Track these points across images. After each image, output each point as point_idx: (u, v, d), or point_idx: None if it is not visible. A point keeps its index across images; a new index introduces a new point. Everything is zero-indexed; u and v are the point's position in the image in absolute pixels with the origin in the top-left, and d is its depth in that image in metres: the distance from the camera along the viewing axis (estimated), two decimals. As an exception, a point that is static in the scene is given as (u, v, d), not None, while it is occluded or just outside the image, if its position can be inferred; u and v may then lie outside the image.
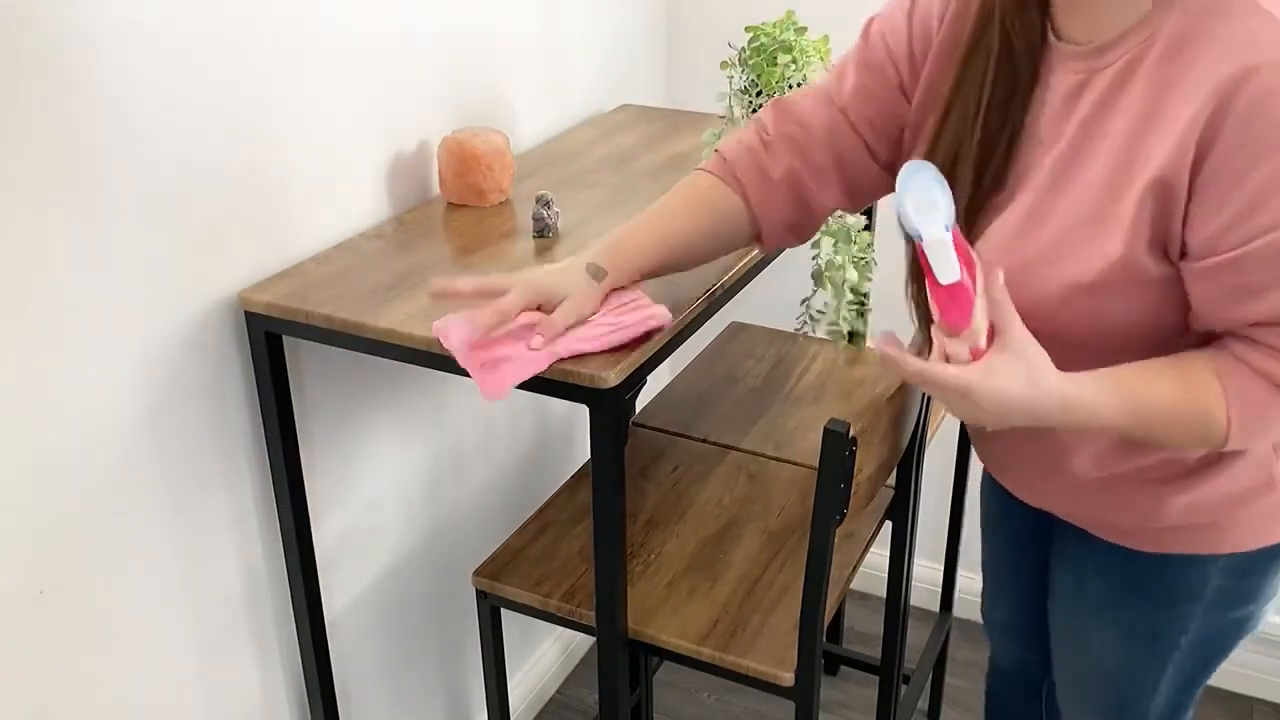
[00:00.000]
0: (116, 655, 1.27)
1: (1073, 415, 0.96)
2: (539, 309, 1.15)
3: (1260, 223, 0.91)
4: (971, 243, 1.09)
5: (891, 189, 1.13)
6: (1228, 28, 0.91)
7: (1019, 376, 0.92)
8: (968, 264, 0.91)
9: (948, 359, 0.93)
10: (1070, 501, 1.23)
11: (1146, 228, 0.96)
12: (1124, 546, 1.20)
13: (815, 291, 1.64)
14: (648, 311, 1.18)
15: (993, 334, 0.93)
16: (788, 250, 1.51)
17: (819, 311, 1.66)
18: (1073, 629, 1.32)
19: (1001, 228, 1.06)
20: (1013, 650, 1.57)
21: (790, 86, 1.53)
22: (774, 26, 1.55)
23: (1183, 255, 0.98)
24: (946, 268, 0.89)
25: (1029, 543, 1.41)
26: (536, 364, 1.12)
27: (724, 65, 1.59)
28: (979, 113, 1.06)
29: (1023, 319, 0.93)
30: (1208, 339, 1.02)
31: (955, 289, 0.90)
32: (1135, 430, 0.99)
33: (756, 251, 1.39)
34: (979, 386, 0.91)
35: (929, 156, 1.10)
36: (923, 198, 0.89)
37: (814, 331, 1.65)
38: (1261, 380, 0.97)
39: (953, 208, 0.90)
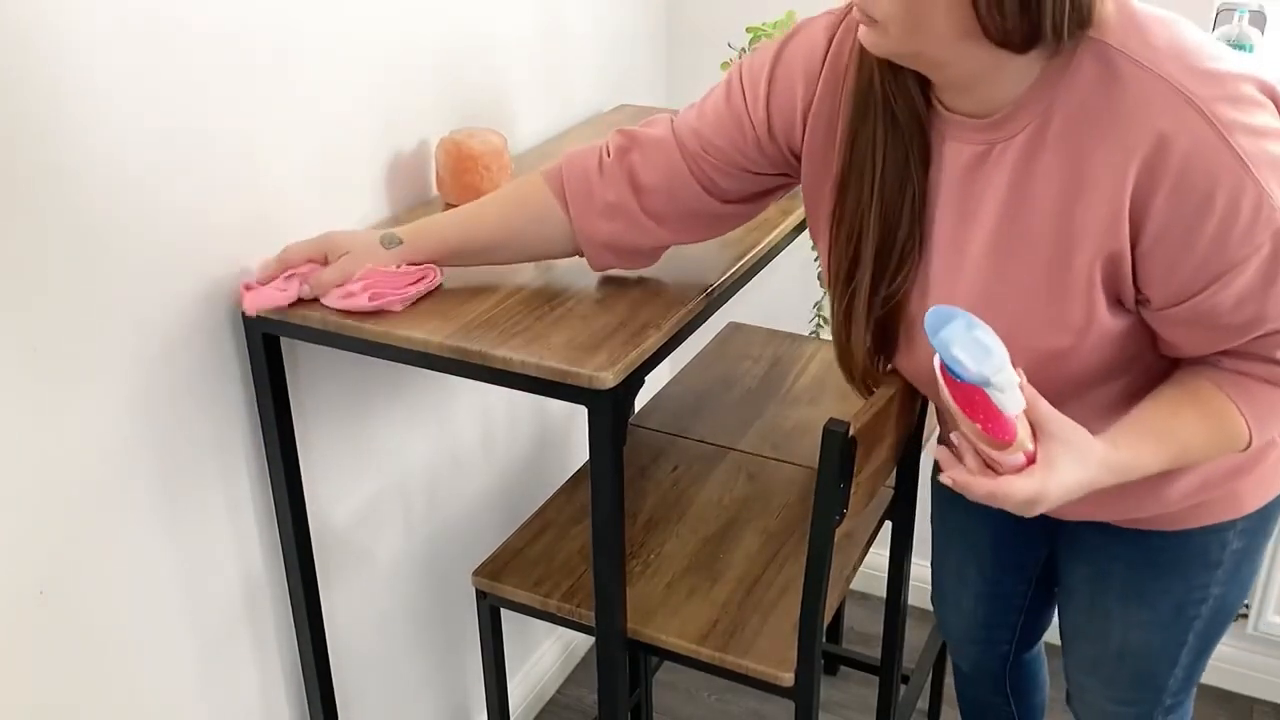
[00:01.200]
0: (116, 655, 1.27)
1: (1122, 475, 1.01)
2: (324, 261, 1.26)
3: (1216, 269, 0.94)
4: (899, 334, 1.13)
5: (725, 222, 1.25)
6: (1123, 92, 0.93)
7: (1074, 462, 0.97)
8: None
9: (994, 466, 0.98)
10: (1078, 504, 1.22)
11: (1101, 292, 1.00)
12: (1145, 530, 1.23)
13: (825, 294, 1.65)
14: (405, 290, 1.24)
15: (1036, 439, 0.97)
16: (784, 251, 1.51)
17: (823, 319, 1.68)
18: (1095, 616, 1.34)
19: (952, 303, 1.07)
20: (972, 653, 1.58)
21: None
22: (774, 26, 1.55)
23: (1142, 302, 1.02)
24: (1014, 402, 0.92)
25: (1013, 535, 1.41)
26: (274, 298, 1.23)
27: (725, 65, 1.59)
28: (874, 184, 1.07)
29: None
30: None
31: (987, 402, 0.93)
32: (1173, 464, 1.05)
33: (753, 252, 1.40)
34: (1050, 487, 0.96)
35: (834, 235, 1.12)
36: (971, 344, 0.90)
37: (825, 334, 1.67)
38: (1261, 383, 1.03)
39: (1004, 347, 0.91)
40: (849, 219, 1.10)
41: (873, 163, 1.06)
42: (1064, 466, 0.96)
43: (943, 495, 1.49)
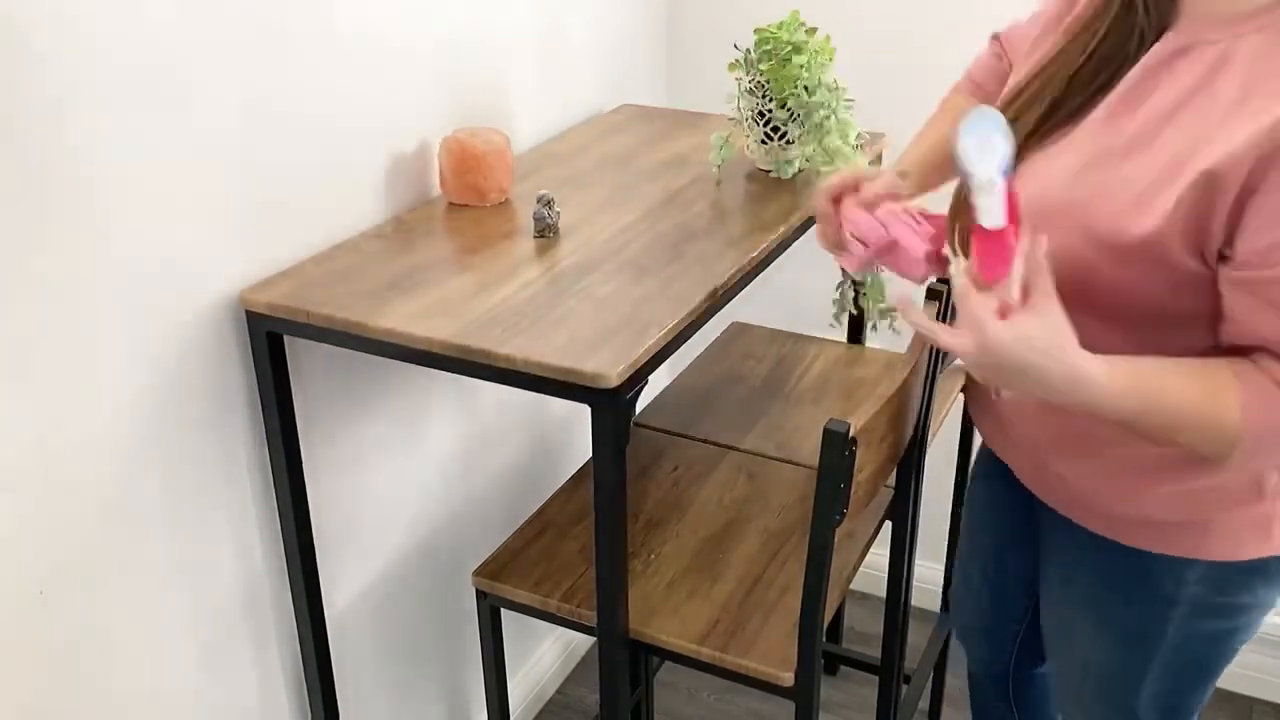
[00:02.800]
0: (116, 655, 1.27)
1: (1081, 391, 0.94)
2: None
3: None
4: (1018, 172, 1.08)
5: None
6: None
7: (1038, 340, 0.91)
8: (1014, 219, 0.92)
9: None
10: (1068, 469, 1.21)
11: (1183, 219, 0.95)
12: (1109, 540, 1.20)
13: (845, 280, 1.73)
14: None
15: (1025, 298, 0.92)
16: (789, 251, 1.51)
17: (853, 306, 1.73)
18: (1061, 622, 1.34)
19: (1066, 164, 1.05)
20: (981, 653, 1.58)
21: (805, 89, 1.53)
22: (779, 28, 1.55)
23: (1223, 259, 0.97)
24: (991, 213, 0.90)
25: (1017, 537, 1.41)
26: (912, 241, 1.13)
27: (732, 67, 1.59)
28: (1085, 52, 1.06)
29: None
30: (1223, 352, 1.01)
31: (996, 238, 0.90)
32: (1141, 420, 0.98)
33: (757, 252, 1.40)
34: (1002, 332, 0.90)
35: (1018, 85, 1.12)
36: (984, 140, 0.89)
37: (842, 321, 1.80)
38: None
39: (1011, 157, 0.90)
40: (1054, 64, 1.09)
41: (1104, 23, 1.05)
42: (1024, 331, 0.91)
43: (974, 489, 1.49)
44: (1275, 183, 0.91)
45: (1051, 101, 1.07)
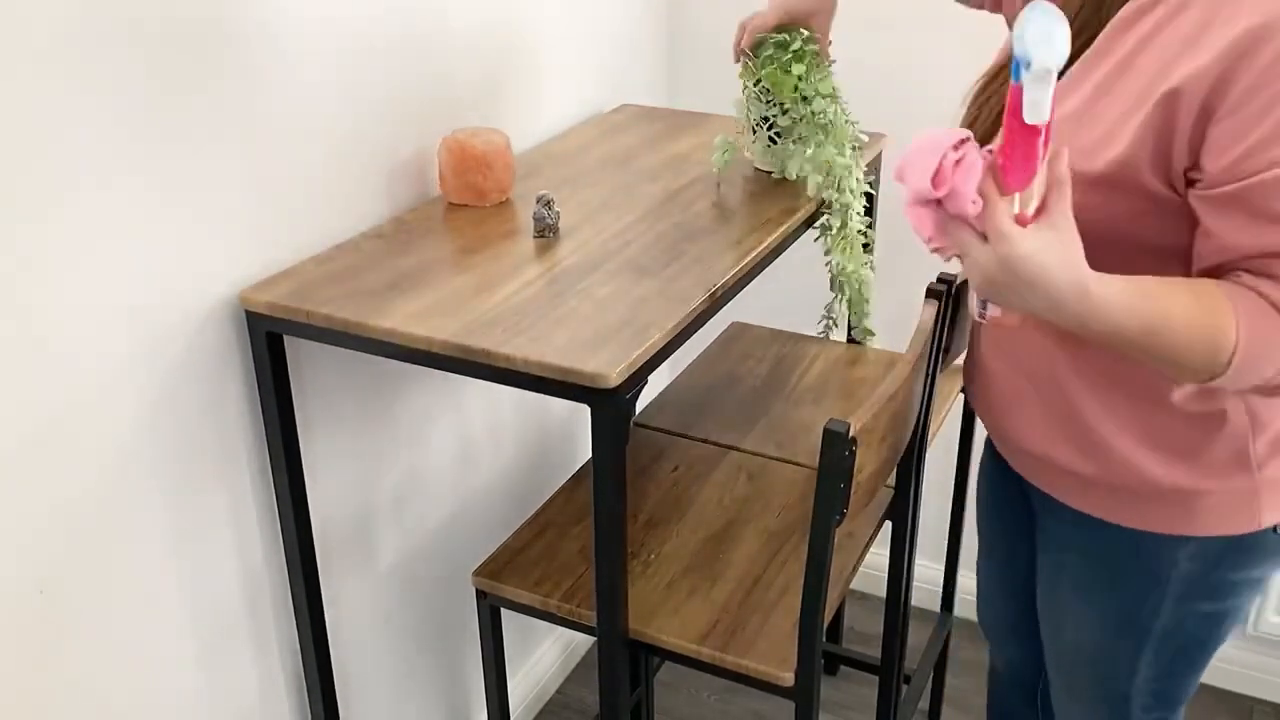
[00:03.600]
0: (116, 654, 1.27)
1: (1086, 306, 0.93)
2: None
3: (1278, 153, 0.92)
4: None
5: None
6: None
7: (1054, 253, 0.90)
8: (1047, 128, 0.89)
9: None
10: (1053, 437, 1.21)
11: (1151, 140, 0.97)
12: (1097, 519, 1.21)
13: (836, 296, 1.68)
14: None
15: (1039, 214, 0.91)
16: (788, 251, 1.51)
17: (832, 320, 1.70)
18: (1053, 609, 1.35)
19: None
20: (1006, 651, 1.58)
21: (804, 98, 1.53)
22: (780, 33, 1.55)
23: (1191, 184, 0.98)
24: (1039, 107, 0.86)
25: (1020, 531, 1.42)
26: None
27: (742, 74, 1.60)
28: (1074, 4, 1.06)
29: None
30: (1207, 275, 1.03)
31: (1028, 139, 0.88)
32: (1143, 337, 0.97)
33: (757, 251, 1.40)
34: (1022, 245, 0.89)
35: (998, 62, 1.12)
36: (1046, 30, 0.86)
37: (835, 335, 1.75)
38: (1271, 309, 0.97)
39: (1068, 52, 0.86)
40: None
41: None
42: (1043, 246, 0.90)
43: (980, 488, 1.50)
44: (1236, 97, 0.93)
45: None
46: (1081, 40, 1.05)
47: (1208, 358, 0.97)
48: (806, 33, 1.54)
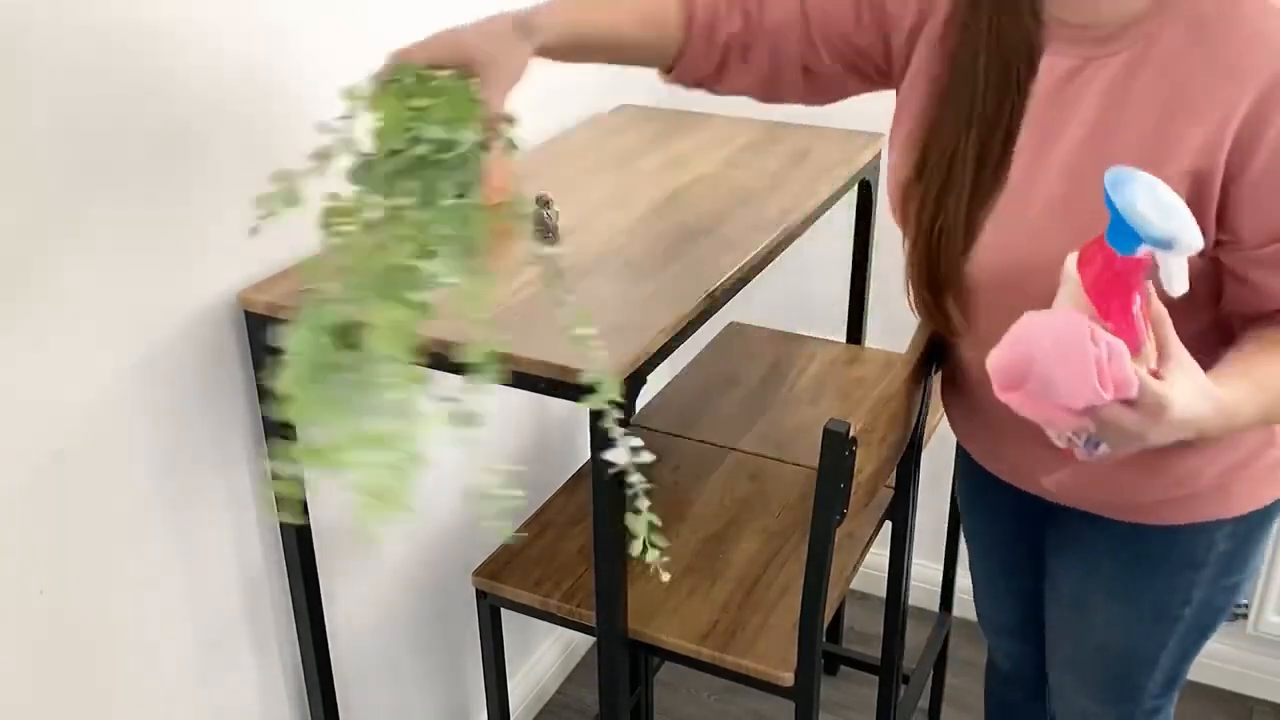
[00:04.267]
0: (116, 655, 1.27)
1: (1224, 420, 0.94)
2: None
3: None
4: (977, 238, 1.08)
5: (809, 96, 1.22)
6: (1246, 29, 0.94)
7: (1194, 391, 0.89)
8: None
9: None
10: (1070, 482, 1.21)
11: None
12: (1132, 523, 1.21)
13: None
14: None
15: (1160, 357, 0.89)
16: (786, 252, 1.51)
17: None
18: (1077, 610, 1.33)
19: (1022, 218, 1.05)
20: (1013, 649, 1.57)
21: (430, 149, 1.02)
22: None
23: (1229, 244, 0.99)
24: (1181, 278, 0.83)
25: (1021, 532, 1.41)
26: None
27: (350, 97, 1.05)
28: (977, 100, 1.05)
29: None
30: (1240, 323, 1.04)
31: (1134, 294, 0.85)
32: (1267, 417, 0.99)
33: (755, 252, 1.39)
34: (1176, 404, 0.87)
35: (924, 153, 1.10)
36: (1150, 197, 0.82)
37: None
38: None
39: (1187, 208, 0.84)
40: (948, 134, 1.08)
41: (975, 76, 1.05)
42: (1186, 391, 0.87)
43: (964, 493, 1.49)
44: (1264, 160, 0.93)
45: (976, 160, 1.06)
46: (1008, 116, 1.05)
47: None
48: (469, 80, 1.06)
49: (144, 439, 1.24)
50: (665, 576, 1.31)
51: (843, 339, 2.01)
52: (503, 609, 1.53)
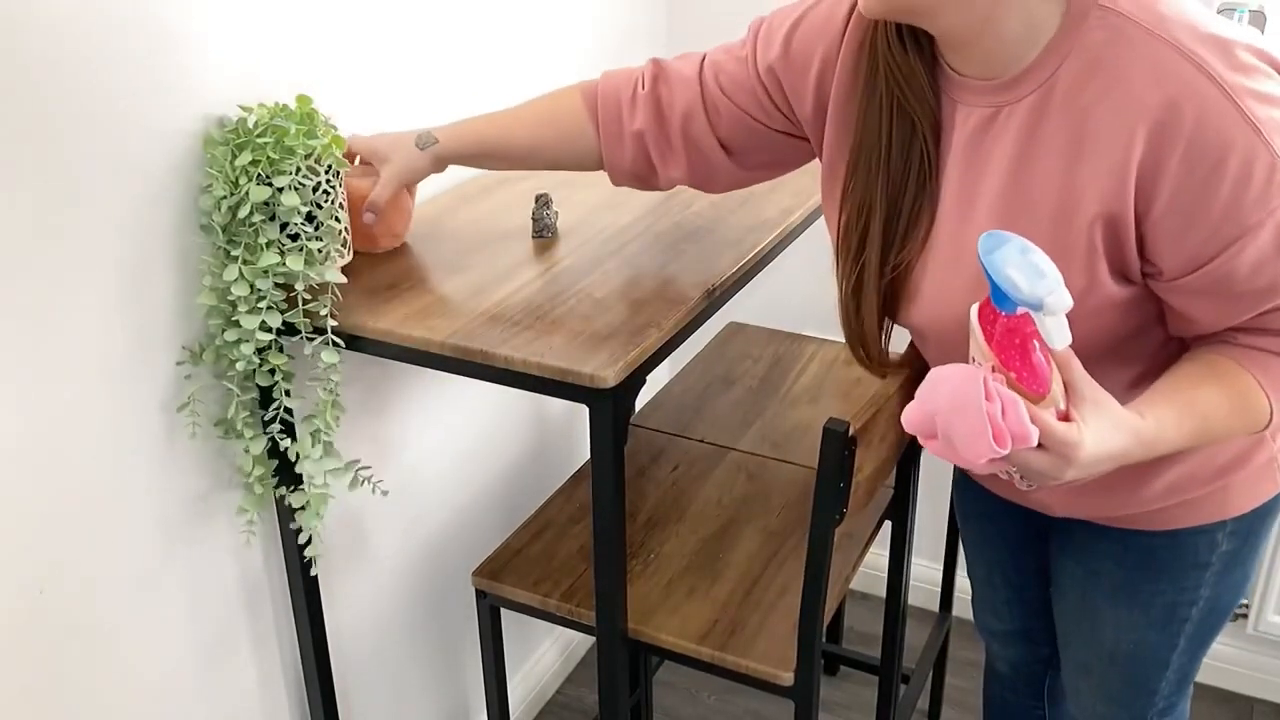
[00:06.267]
0: (116, 655, 1.27)
1: (1150, 447, 0.97)
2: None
3: (1230, 234, 0.94)
4: (905, 290, 1.10)
5: (740, 181, 1.26)
6: (1133, 57, 0.93)
7: (1109, 426, 0.92)
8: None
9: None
10: (1063, 497, 1.23)
11: (1102, 257, 0.99)
12: (1135, 530, 1.22)
13: None
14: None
15: (1069, 396, 0.92)
16: (785, 251, 1.51)
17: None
18: (1085, 616, 1.33)
19: (951, 274, 1.06)
20: (1014, 654, 1.57)
21: (251, 210, 1.17)
22: (276, 109, 1.20)
23: (1152, 275, 1.00)
24: (1061, 332, 0.87)
25: (1024, 539, 1.41)
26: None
27: (210, 143, 1.20)
28: (882, 157, 1.07)
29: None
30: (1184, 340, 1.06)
31: (1033, 343, 0.88)
32: (1197, 440, 1.01)
33: (754, 252, 1.40)
34: (1085, 445, 0.90)
35: (843, 209, 1.12)
36: (1022, 263, 0.86)
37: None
38: (1278, 359, 1.01)
39: (1057, 271, 0.87)
40: (859, 192, 1.09)
41: (879, 135, 1.06)
42: (1099, 428, 0.91)
43: (962, 502, 1.49)
44: (1167, 197, 0.94)
45: (884, 219, 1.08)
46: (917, 173, 1.06)
47: (1252, 426, 1.02)
48: (314, 110, 1.22)
49: (144, 438, 1.24)
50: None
51: (842, 339, 2.01)
52: (502, 609, 1.53)
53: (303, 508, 1.30)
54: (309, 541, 1.31)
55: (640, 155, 1.27)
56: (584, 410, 1.17)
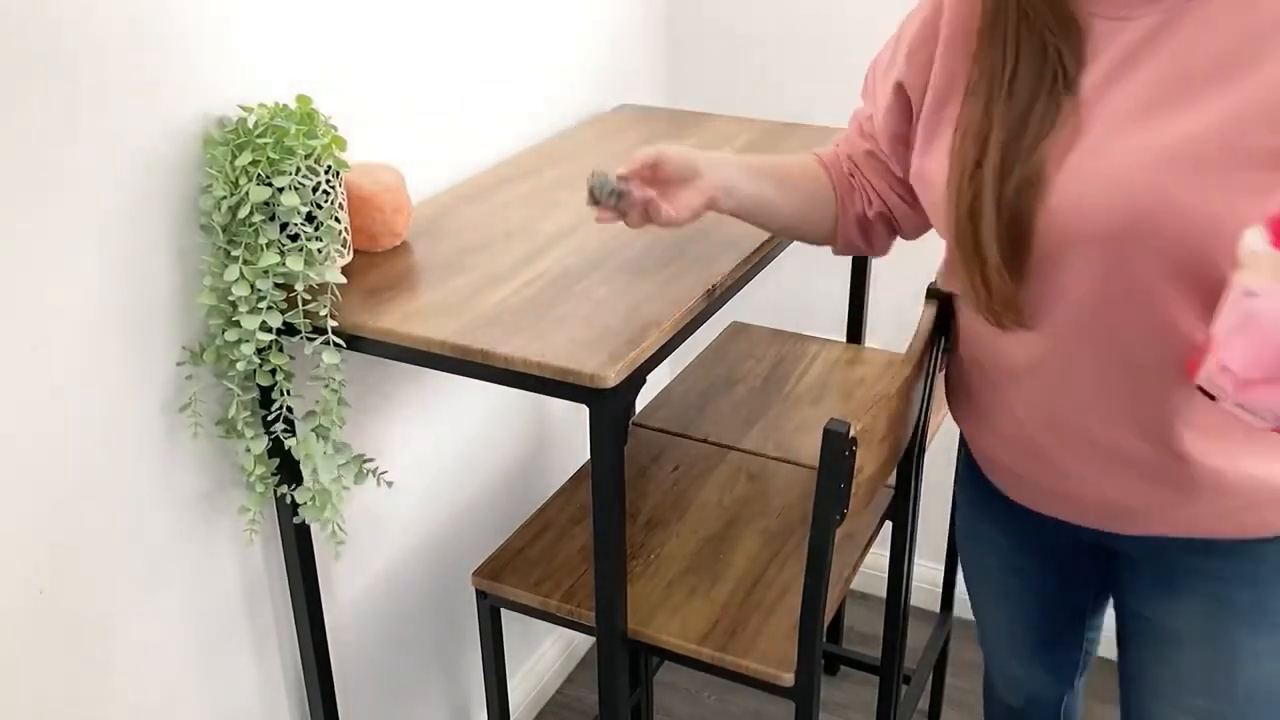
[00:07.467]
0: (116, 655, 1.27)
1: None
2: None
3: None
4: (1041, 201, 1.01)
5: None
6: None
7: None
8: None
9: None
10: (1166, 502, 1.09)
11: None
12: (1253, 539, 1.09)
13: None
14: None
15: None
16: (786, 251, 1.51)
17: None
18: (1212, 656, 1.15)
19: (1125, 163, 0.96)
20: (1031, 692, 1.45)
21: (252, 211, 1.17)
22: (276, 109, 1.20)
23: None
24: None
25: (1065, 573, 1.30)
26: None
27: (210, 144, 1.19)
28: (1007, 82, 1.01)
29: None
30: None
31: None
32: None
33: (755, 252, 1.40)
34: None
35: (956, 142, 1.06)
36: None
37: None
38: None
39: None
40: (975, 121, 1.04)
41: (1004, 58, 1.02)
42: None
43: (972, 533, 1.39)
44: None
45: (1004, 139, 1.02)
46: (1050, 89, 1.00)
47: None
48: (313, 110, 1.21)
49: (144, 438, 1.24)
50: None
51: (843, 339, 2.01)
52: (503, 609, 1.53)
53: (305, 503, 1.30)
54: (332, 534, 1.32)
55: (866, 231, 1.32)
56: (584, 410, 1.17)
